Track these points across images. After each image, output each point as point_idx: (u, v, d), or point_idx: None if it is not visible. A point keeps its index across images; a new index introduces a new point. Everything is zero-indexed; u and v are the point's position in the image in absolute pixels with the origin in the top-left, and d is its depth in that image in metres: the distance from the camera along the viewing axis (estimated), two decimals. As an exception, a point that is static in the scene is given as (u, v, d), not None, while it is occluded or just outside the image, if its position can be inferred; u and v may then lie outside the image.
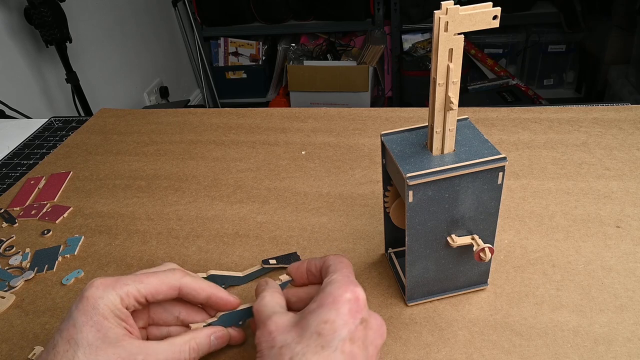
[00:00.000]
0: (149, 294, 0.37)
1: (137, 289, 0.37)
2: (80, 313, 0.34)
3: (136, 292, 0.37)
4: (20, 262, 0.55)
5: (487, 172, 0.38)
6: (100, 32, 1.82)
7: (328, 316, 0.32)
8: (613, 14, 2.00)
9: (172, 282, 0.38)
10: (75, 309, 0.35)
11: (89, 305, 0.34)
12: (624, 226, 0.50)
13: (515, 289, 0.45)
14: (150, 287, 0.37)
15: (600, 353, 0.39)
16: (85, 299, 0.35)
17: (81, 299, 0.35)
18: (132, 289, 0.36)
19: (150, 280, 0.37)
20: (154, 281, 0.37)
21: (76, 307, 0.35)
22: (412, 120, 0.73)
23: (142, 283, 0.37)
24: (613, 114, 0.68)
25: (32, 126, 0.86)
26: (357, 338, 0.32)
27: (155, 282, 0.37)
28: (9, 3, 1.39)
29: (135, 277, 0.37)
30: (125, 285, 0.36)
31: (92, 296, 0.35)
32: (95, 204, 0.64)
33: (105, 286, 0.36)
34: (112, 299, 0.35)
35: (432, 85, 0.36)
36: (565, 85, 2.38)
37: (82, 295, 0.35)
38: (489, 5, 0.34)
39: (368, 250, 0.51)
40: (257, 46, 2.50)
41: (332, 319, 0.32)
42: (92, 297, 0.35)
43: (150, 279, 0.37)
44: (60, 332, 0.34)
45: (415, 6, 2.20)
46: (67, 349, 0.33)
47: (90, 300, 0.35)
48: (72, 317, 0.34)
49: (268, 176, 0.65)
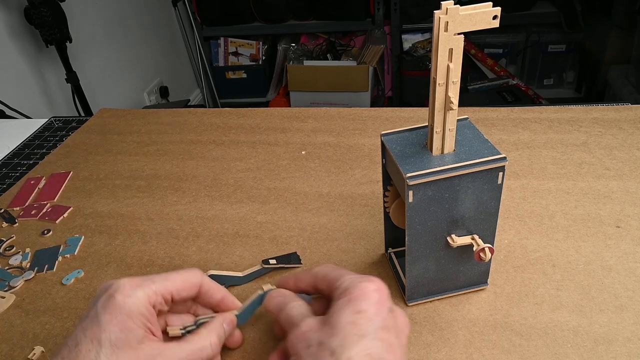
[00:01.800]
0: (175, 290, 0.38)
1: (165, 286, 0.37)
2: (106, 312, 0.34)
3: (163, 289, 0.37)
4: (20, 262, 0.55)
5: (487, 172, 0.38)
6: (100, 32, 1.82)
7: (360, 306, 0.33)
8: (613, 14, 2.00)
9: (194, 279, 0.39)
10: (100, 307, 0.34)
11: (116, 304, 0.34)
12: (624, 226, 0.50)
13: (515, 289, 0.45)
14: (176, 284, 0.38)
15: (600, 353, 0.39)
16: (112, 298, 0.34)
17: (108, 297, 0.35)
18: (159, 286, 0.37)
19: (175, 278, 0.38)
20: (178, 279, 0.38)
21: (102, 306, 0.34)
22: (412, 120, 0.73)
23: (167, 280, 0.37)
24: (613, 114, 0.68)
25: (32, 126, 0.86)
26: (390, 327, 0.33)
27: (179, 279, 0.38)
28: (9, 3, 1.38)
29: (161, 276, 0.38)
30: (152, 283, 0.36)
31: (120, 294, 0.35)
32: (95, 204, 0.64)
33: (132, 285, 0.36)
34: (140, 297, 0.35)
35: (432, 85, 0.36)
36: (565, 85, 2.38)
37: (108, 294, 0.35)
38: (489, 5, 0.34)
39: (368, 250, 0.51)
40: (257, 46, 2.50)
41: (365, 308, 0.33)
42: (119, 296, 0.35)
43: (174, 277, 0.38)
44: (83, 330, 0.34)
45: (415, 6, 2.20)
46: (89, 348, 0.33)
47: (118, 299, 0.34)
48: (97, 316, 0.34)
49: (268, 176, 0.65)
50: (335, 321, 0.33)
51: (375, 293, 0.33)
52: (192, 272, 0.40)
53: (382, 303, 0.33)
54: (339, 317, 0.33)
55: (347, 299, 0.34)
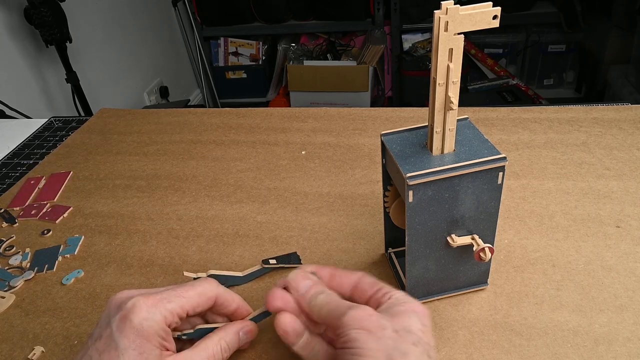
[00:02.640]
0: (190, 308, 0.37)
1: (180, 306, 0.37)
2: (123, 335, 0.34)
3: (179, 309, 0.36)
4: (20, 262, 0.55)
5: (487, 172, 0.38)
6: (100, 32, 1.82)
7: (425, 322, 0.34)
8: (613, 14, 2.00)
9: (210, 293, 0.39)
10: (116, 329, 0.34)
11: (133, 327, 0.34)
12: (624, 226, 0.50)
13: (515, 289, 0.45)
14: (192, 301, 0.37)
15: (600, 353, 0.39)
16: (128, 320, 0.34)
17: (123, 318, 0.34)
18: (175, 306, 0.36)
19: (190, 295, 0.37)
20: (194, 295, 0.38)
21: (118, 328, 0.34)
22: (412, 120, 0.73)
23: (183, 298, 0.37)
24: (613, 114, 0.68)
25: (32, 126, 0.86)
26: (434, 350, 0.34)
27: (194, 295, 0.38)
28: (9, 3, 1.38)
29: (176, 293, 0.37)
30: (168, 303, 0.36)
31: (137, 318, 0.34)
32: (95, 204, 0.64)
33: (149, 306, 0.35)
34: (157, 320, 0.35)
35: (432, 85, 0.36)
36: (565, 85, 2.38)
37: (123, 314, 0.34)
38: (489, 5, 0.34)
39: (368, 250, 0.51)
40: (257, 46, 2.50)
41: (428, 325, 0.34)
42: (136, 319, 0.34)
43: (190, 293, 0.37)
44: (99, 353, 0.33)
45: (415, 6, 2.20)
46: None
47: (135, 323, 0.34)
48: (114, 339, 0.34)
49: (268, 176, 0.65)
50: (408, 322, 0.33)
51: (430, 319, 0.35)
52: (208, 285, 0.39)
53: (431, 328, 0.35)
54: (411, 321, 0.33)
55: (412, 308, 0.34)
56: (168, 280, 0.51)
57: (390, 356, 0.31)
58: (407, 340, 0.32)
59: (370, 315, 0.33)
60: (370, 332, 0.32)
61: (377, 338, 0.31)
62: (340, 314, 0.34)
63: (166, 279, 0.51)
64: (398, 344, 0.31)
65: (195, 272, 0.47)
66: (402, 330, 0.32)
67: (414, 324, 0.33)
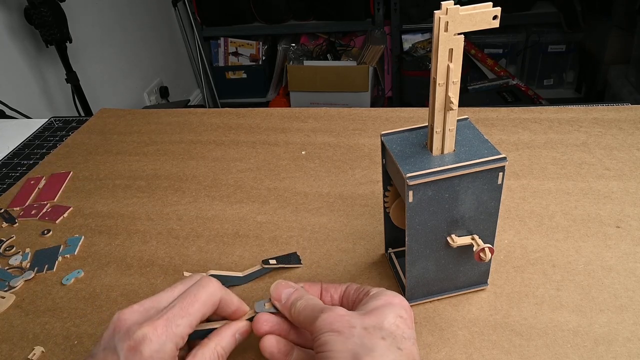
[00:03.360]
0: (198, 321, 0.36)
1: (189, 325, 0.35)
2: None
3: (189, 328, 0.35)
4: (20, 262, 0.55)
5: (487, 172, 0.38)
6: (100, 32, 1.82)
7: (401, 313, 0.34)
8: (613, 14, 2.00)
9: (215, 298, 0.38)
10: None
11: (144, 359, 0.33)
12: (624, 226, 0.50)
13: (515, 289, 0.45)
14: (199, 314, 0.36)
15: (600, 353, 0.39)
16: (139, 353, 0.33)
17: (133, 351, 0.33)
18: (183, 329, 0.35)
19: (196, 308, 0.36)
20: (200, 307, 0.36)
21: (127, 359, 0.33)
22: (412, 120, 0.73)
23: (190, 315, 0.36)
24: (613, 114, 0.68)
25: (32, 126, 0.86)
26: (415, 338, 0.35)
27: (201, 307, 0.36)
28: (9, 3, 1.38)
29: (182, 310, 0.36)
30: (177, 327, 0.35)
31: (147, 350, 0.33)
32: (95, 204, 0.64)
33: (159, 336, 0.34)
34: (168, 350, 0.34)
35: (432, 85, 0.36)
36: (565, 85, 2.38)
37: (132, 345, 0.33)
38: (489, 5, 0.34)
39: (368, 250, 0.51)
40: (257, 46, 2.50)
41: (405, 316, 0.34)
42: (147, 351, 0.33)
43: (195, 307, 0.36)
44: None
45: (415, 6, 2.20)
46: None
47: (145, 355, 0.33)
48: None
49: (268, 176, 0.65)
50: (380, 317, 0.33)
51: (410, 309, 0.35)
52: (212, 289, 0.37)
53: (412, 319, 0.35)
54: (385, 316, 0.33)
55: (388, 301, 0.34)
56: (168, 281, 0.51)
57: (357, 354, 0.31)
58: (375, 335, 0.32)
59: (340, 316, 0.33)
60: (340, 332, 0.32)
61: (345, 338, 0.32)
62: (314, 318, 0.34)
63: (166, 279, 0.51)
64: (365, 341, 0.31)
65: (195, 273, 0.47)
66: (372, 327, 0.32)
67: (387, 318, 0.33)
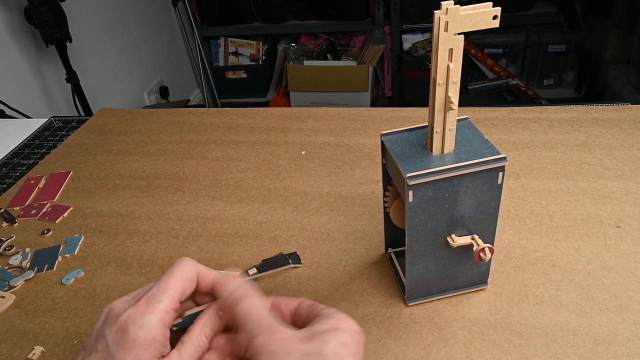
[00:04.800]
0: (180, 295, 0.36)
1: (171, 299, 0.35)
2: (119, 348, 0.33)
3: (171, 302, 0.35)
4: (20, 261, 0.55)
5: (487, 172, 0.38)
6: (100, 32, 1.82)
7: (344, 339, 0.33)
8: (613, 14, 2.00)
9: (190, 274, 0.37)
10: (113, 344, 0.33)
11: (129, 339, 0.33)
12: (624, 226, 0.50)
13: (515, 289, 0.45)
14: (179, 288, 0.36)
15: (600, 353, 0.39)
16: (124, 332, 0.33)
17: (119, 331, 0.33)
18: (166, 303, 0.35)
19: (174, 283, 0.36)
20: (177, 281, 0.36)
21: (115, 342, 0.33)
22: (412, 120, 0.73)
23: (170, 289, 0.35)
24: (613, 114, 0.68)
25: (32, 126, 0.86)
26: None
27: (178, 282, 0.36)
28: (9, 3, 1.38)
29: (160, 288, 0.35)
30: (159, 302, 0.34)
31: (133, 328, 0.33)
32: (95, 203, 0.64)
33: (142, 314, 0.34)
34: (153, 325, 0.34)
35: (432, 85, 0.36)
36: (565, 85, 2.38)
37: (118, 327, 0.34)
38: (489, 5, 0.34)
39: (368, 250, 0.51)
40: (257, 46, 2.50)
41: (349, 343, 0.33)
42: (132, 329, 0.33)
43: (172, 282, 0.36)
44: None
45: (415, 6, 2.20)
46: None
47: (131, 334, 0.33)
48: (110, 353, 0.33)
49: (268, 176, 0.65)
50: (321, 344, 0.33)
51: (359, 334, 0.34)
52: (185, 266, 0.37)
53: (360, 345, 0.34)
54: (326, 342, 0.33)
55: (333, 326, 0.34)
56: (168, 280, 0.50)
57: None
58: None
59: (280, 340, 0.33)
60: (276, 356, 0.32)
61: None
62: (256, 334, 0.34)
63: (166, 279, 0.51)
64: None
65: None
66: (311, 354, 0.32)
67: (327, 345, 0.32)
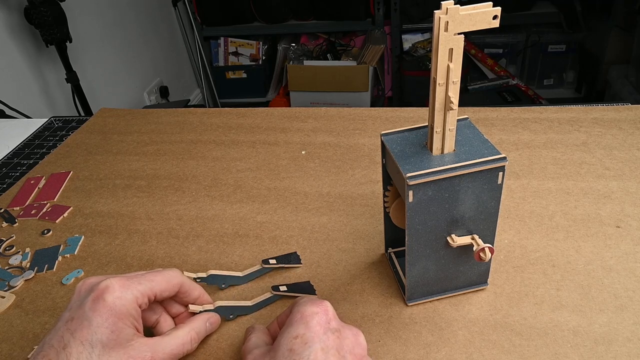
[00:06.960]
0: (158, 291, 0.39)
1: (150, 288, 0.38)
2: (96, 314, 0.34)
3: (149, 290, 0.38)
4: (20, 261, 0.55)
5: (487, 172, 0.38)
6: (100, 32, 1.82)
7: (297, 331, 0.34)
8: (613, 14, 2.00)
9: (175, 280, 0.40)
10: (89, 309, 0.35)
11: (106, 306, 0.35)
12: (624, 226, 0.50)
13: (515, 289, 0.45)
14: (160, 285, 0.39)
15: (600, 353, 0.39)
16: (101, 299, 0.35)
17: (97, 298, 0.35)
18: (145, 288, 0.38)
19: (158, 279, 0.39)
20: (161, 280, 0.39)
21: (91, 307, 0.35)
22: (412, 120, 0.73)
23: (152, 282, 0.39)
24: (613, 114, 0.68)
25: (32, 126, 0.86)
26: (330, 347, 0.33)
27: (162, 280, 0.39)
28: (9, 3, 1.38)
29: (145, 277, 0.39)
30: (139, 284, 0.38)
31: (110, 296, 0.35)
32: (95, 203, 0.64)
33: (121, 286, 0.36)
34: (129, 299, 0.36)
35: (432, 85, 0.36)
36: (565, 85, 2.38)
37: (96, 294, 0.35)
38: (489, 5, 0.34)
39: (368, 250, 0.51)
40: (257, 46, 2.50)
41: (302, 332, 0.33)
42: (109, 297, 0.35)
43: (157, 278, 0.39)
44: (71, 332, 0.34)
45: (415, 6, 2.20)
46: (81, 350, 0.33)
47: (108, 301, 0.35)
48: (87, 317, 0.34)
49: (268, 176, 0.65)
50: (276, 347, 0.34)
51: (314, 316, 0.34)
52: (172, 273, 0.41)
53: (323, 325, 0.34)
54: (279, 343, 0.34)
55: (288, 323, 0.35)
56: (168, 280, 0.51)
57: None
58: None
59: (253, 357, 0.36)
60: None
61: None
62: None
63: (166, 279, 0.51)
64: None
65: (195, 272, 0.47)
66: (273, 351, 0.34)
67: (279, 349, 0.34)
